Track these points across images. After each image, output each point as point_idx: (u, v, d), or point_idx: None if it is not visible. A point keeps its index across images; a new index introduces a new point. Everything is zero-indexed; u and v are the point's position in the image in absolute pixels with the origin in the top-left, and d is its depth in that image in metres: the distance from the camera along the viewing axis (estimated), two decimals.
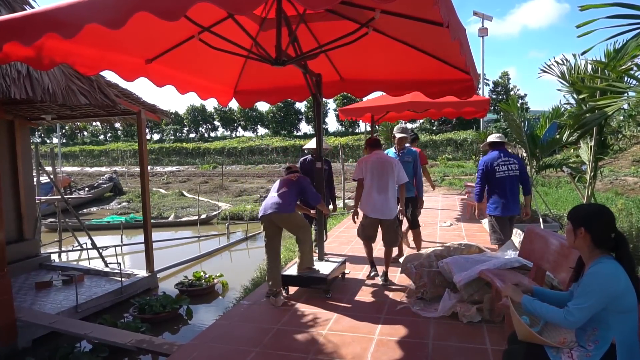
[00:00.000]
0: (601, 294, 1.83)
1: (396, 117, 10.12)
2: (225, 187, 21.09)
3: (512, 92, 42.29)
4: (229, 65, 4.61)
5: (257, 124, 52.49)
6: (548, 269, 3.26)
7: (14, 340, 4.50)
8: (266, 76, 4.81)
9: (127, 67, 3.49)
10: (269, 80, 4.99)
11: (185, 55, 3.87)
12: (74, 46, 2.93)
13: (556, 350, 1.97)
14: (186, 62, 4.05)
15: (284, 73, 4.21)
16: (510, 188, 4.62)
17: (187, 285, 6.37)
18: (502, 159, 4.64)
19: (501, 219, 4.66)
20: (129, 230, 10.94)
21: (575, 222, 1.99)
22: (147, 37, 3.34)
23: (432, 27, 3.13)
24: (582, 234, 1.95)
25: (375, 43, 3.86)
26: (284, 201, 4.28)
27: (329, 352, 3.22)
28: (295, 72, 4.35)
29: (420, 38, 3.78)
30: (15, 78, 4.40)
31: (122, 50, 3.40)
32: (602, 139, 5.34)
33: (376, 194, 4.52)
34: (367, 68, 4.72)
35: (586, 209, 2.04)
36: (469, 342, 3.30)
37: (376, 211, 4.54)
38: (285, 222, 4.34)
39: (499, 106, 32.83)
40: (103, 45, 3.14)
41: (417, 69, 4.44)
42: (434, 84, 4.48)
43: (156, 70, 3.77)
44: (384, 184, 4.51)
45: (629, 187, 12.48)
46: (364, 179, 4.59)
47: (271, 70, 3.69)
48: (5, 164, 6.59)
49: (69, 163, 42.93)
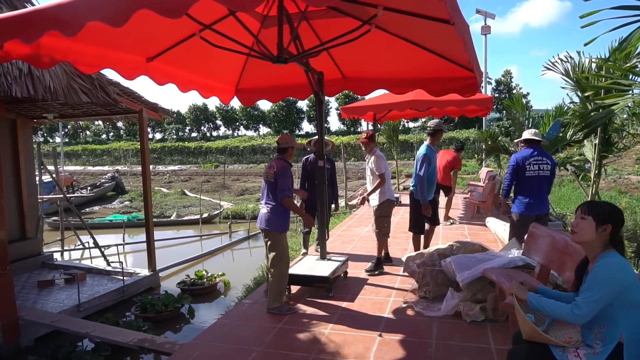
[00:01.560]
0: (609, 286, 1.83)
1: (398, 115, 10.11)
2: (227, 186, 21.11)
3: (514, 90, 42.14)
4: (231, 64, 4.59)
5: (259, 123, 52.45)
6: (552, 268, 3.24)
7: (16, 338, 4.50)
8: (268, 74, 4.78)
9: (128, 66, 3.47)
10: (271, 78, 4.97)
11: (186, 54, 3.85)
12: (75, 44, 2.91)
13: (562, 349, 1.95)
14: (187, 60, 4.03)
15: (286, 71, 4.18)
16: (538, 187, 4.47)
17: (189, 284, 6.37)
18: (534, 157, 4.45)
19: (523, 217, 4.50)
20: (131, 229, 10.95)
21: (601, 218, 1.97)
22: (148, 35, 3.32)
23: (435, 24, 3.10)
24: (608, 230, 1.95)
25: (377, 40, 3.83)
26: (273, 217, 3.96)
27: (331, 352, 3.20)
28: (297, 71, 4.33)
29: (423, 35, 3.75)
30: (17, 76, 4.39)
31: (123, 48, 3.38)
32: (607, 137, 5.30)
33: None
34: (369, 66, 4.69)
35: (610, 207, 2.03)
36: (472, 341, 3.28)
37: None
38: (270, 240, 4.02)
39: (501, 104, 32.36)
40: (104, 43, 3.12)
41: (419, 66, 4.41)
42: (437, 82, 4.42)
43: (157, 68, 3.75)
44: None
45: (632, 186, 12.43)
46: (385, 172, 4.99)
47: (273, 68, 3.67)
48: (8, 163, 6.59)
49: (71, 162, 43.01)
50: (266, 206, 4.01)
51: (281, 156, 4.07)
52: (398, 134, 15.15)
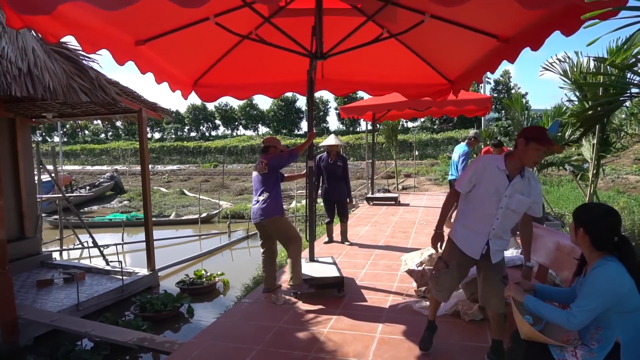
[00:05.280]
0: (605, 297, 1.80)
1: (397, 115, 10.12)
2: (226, 186, 21.10)
3: (513, 90, 42.18)
4: (202, 57, 4.37)
5: (258, 122, 52.42)
6: (551, 267, 3.25)
7: (15, 338, 4.50)
8: (238, 71, 4.62)
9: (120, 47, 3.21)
10: (240, 75, 4.75)
11: (179, 40, 3.69)
12: (81, 20, 2.77)
13: (560, 348, 1.95)
14: (174, 46, 3.79)
15: (259, 68, 4.21)
16: None
17: (188, 283, 6.37)
18: None
19: None
20: (130, 228, 10.94)
21: (577, 221, 1.97)
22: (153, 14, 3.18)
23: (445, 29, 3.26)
24: (581, 235, 1.94)
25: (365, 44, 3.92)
26: (267, 205, 4.18)
27: (331, 351, 3.21)
28: (272, 68, 4.34)
29: (419, 38, 3.82)
30: (16, 76, 4.38)
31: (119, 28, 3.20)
32: (605, 137, 5.32)
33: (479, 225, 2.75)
34: (349, 67, 4.74)
35: (589, 210, 2.00)
36: (470, 340, 3.29)
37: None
38: (272, 228, 4.26)
39: (500, 104, 32.36)
40: (105, 20, 2.96)
41: (398, 70, 4.57)
42: (413, 87, 4.80)
43: (144, 54, 3.56)
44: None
45: (630, 186, 12.44)
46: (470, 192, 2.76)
47: (245, 65, 3.70)
48: (7, 162, 6.59)
49: (70, 162, 42.91)
50: (260, 197, 4.20)
51: (266, 154, 4.33)
52: (397, 134, 15.18)
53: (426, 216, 8.59)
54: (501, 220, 2.65)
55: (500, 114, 35.90)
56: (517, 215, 2.66)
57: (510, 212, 2.63)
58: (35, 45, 4.77)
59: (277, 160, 4.24)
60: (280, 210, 4.27)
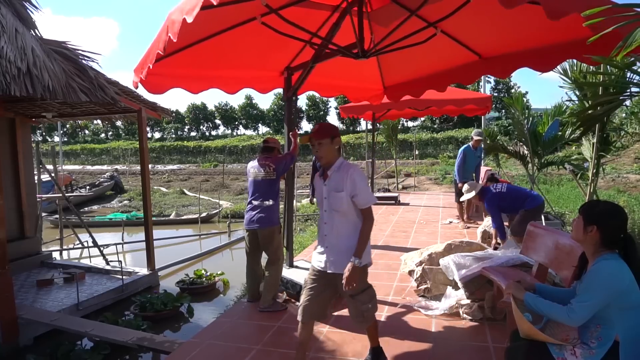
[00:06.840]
0: (605, 291, 1.81)
1: (397, 114, 10.10)
2: (226, 186, 21.09)
3: (513, 89, 42.17)
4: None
5: (258, 122, 52.44)
6: (550, 267, 3.25)
7: (15, 337, 4.51)
8: (195, 60, 4.00)
9: None
10: (197, 65, 4.15)
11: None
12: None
13: (559, 347, 1.95)
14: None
15: (221, 60, 4.11)
16: None
17: (188, 283, 6.38)
18: None
19: (528, 212, 5.06)
20: (130, 228, 10.95)
21: (589, 218, 1.94)
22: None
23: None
24: (593, 232, 1.92)
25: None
26: (270, 212, 3.98)
27: (330, 350, 3.21)
28: (233, 61, 4.24)
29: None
30: (16, 75, 4.37)
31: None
32: (605, 136, 5.31)
33: None
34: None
35: (602, 207, 1.98)
36: (470, 339, 3.29)
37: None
38: (268, 238, 4.00)
39: (500, 104, 32.40)
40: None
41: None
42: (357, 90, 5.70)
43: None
44: None
45: (631, 185, 12.43)
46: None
47: (206, 55, 3.81)
48: (7, 162, 6.59)
49: (70, 161, 42.94)
50: (264, 203, 3.98)
51: (269, 155, 4.17)
52: (397, 133, 15.17)
53: (426, 215, 8.59)
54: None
55: (501, 113, 35.93)
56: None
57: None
58: (34, 45, 4.76)
59: (283, 165, 4.08)
60: (279, 221, 4.07)
